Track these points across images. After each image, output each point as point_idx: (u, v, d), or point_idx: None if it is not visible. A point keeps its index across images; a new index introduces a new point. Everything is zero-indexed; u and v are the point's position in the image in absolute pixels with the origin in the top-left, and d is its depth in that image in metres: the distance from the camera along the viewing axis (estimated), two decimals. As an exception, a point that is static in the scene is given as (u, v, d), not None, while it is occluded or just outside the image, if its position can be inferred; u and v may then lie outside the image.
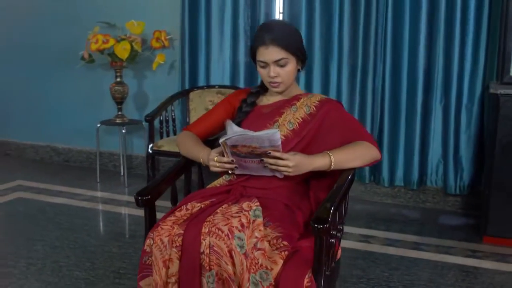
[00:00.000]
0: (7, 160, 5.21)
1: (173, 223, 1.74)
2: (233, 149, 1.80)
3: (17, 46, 5.10)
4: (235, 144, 1.77)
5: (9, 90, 5.24)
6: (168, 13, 4.40)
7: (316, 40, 3.95)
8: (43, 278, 2.68)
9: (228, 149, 1.82)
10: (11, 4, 5.07)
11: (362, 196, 4.03)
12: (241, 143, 1.76)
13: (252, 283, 1.63)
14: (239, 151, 1.80)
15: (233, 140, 1.75)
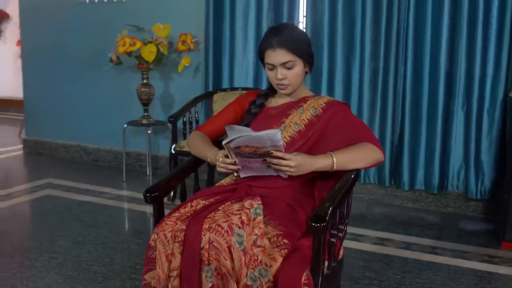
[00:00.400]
0: (40, 159, 5.39)
1: (176, 219, 1.80)
2: (236, 150, 1.85)
3: (51, 49, 5.28)
4: (237, 145, 1.82)
5: (43, 92, 5.44)
6: (194, 17, 4.49)
7: (339, 42, 3.97)
8: (63, 271, 2.78)
9: (232, 151, 1.87)
10: (47, 10, 5.25)
11: (382, 199, 4.03)
12: (244, 144, 1.81)
13: (250, 279, 1.68)
14: (243, 152, 1.85)
15: (235, 142, 1.80)
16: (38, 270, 2.80)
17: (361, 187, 4.09)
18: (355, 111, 4.00)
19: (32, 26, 5.42)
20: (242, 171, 1.97)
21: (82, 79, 5.13)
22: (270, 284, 1.70)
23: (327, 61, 4.03)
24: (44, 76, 5.40)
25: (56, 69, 5.29)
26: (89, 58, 5.00)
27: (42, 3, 5.27)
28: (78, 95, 5.20)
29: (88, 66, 5.03)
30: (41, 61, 5.38)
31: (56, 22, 5.23)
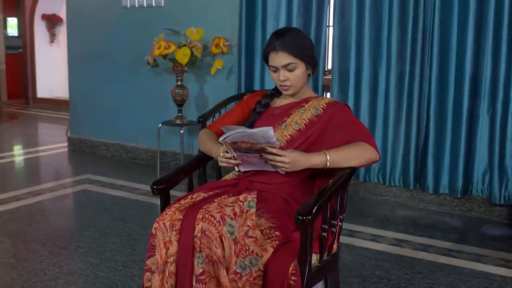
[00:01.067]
0: (82, 156, 5.65)
1: (175, 209, 1.93)
2: (234, 145, 1.97)
3: (95, 52, 5.55)
4: (234, 141, 1.94)
5: (87, 92, 5.71)
6: (228, 21, 4.63)
7: (366, 46, 4.03)
8: (87, 259, 2.97)
9: (230, 146, 1.99)
10: (92, 15, 5.52)
11: (407, 202, 4.05)
12: (240, 139, 1.92)
13: (239, 267, 1.78)
14: (240, 147, 1.97)
15: (231, 137, 1.92)
16: (65, 257, 2.99)
17: (386, 189, 4.12)
18: (381, 114, 4.05)
19: (77, 29, 5.71)
20: (242, 165, 2.08)
21: (122, 80, 5.37)
22: (260, 273, 1.80)
23: (354, 64, 4.09)
24: (88, 78, 5.67)
25: (99, 71, 5.55)
26: (129, 60, 5.23)
27: (88, 8, 5.55)
28: (118, 96, 5.43)
29: (128, 68, 5.25)
30: (86, 63, 5.66)
31: (99, 26, 5.49)
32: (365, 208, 3.99)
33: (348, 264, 2.97)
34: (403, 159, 3.99)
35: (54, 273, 2.78)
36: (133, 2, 5.20)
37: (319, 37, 4.20)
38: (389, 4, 3.90)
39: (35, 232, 3.38)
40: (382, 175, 4.11)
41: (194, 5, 4.85)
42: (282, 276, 1.78)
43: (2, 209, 3.82)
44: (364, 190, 4.22)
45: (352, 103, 4.13)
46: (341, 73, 4.16)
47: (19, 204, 3.95)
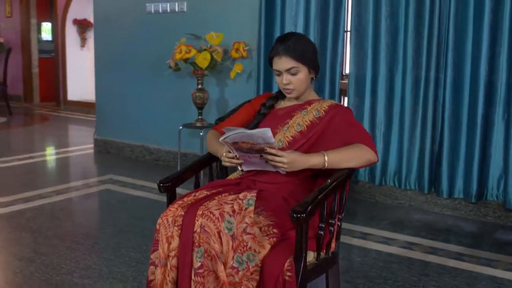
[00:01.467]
0: (107, 157, 5.81)
1: (178, 206, 2.02)
2: (235, 145, 2.05)
3: (120, 55, 5.71)
4: (234, 141, 2.02)
5: (112, 95, 5.88)
6: (247, 26, 4.72)
7: (382, 51, 4.06)
8: (102, 255, 3.08)
9: (231, 146, 2.07)
10: (117, 19, 5.69)
11: (423, 206, 4.07)
12: (240, 139, 2.00)
13: (236, 261, 1.86)
14: (241, 147, 2.04)
15: (231, 138, 2.00)
16: (82, 252, 3.11)
17: (401, 193, 4.14)
18: (397, 119, 4.08)
19: (104, 34, 5.88)
20: (245, 165, 2.16)
21: (146, 83, 5.50)
22: (257, 268, 1.87)
23: (371, 69, 4.13)
24: (113, 81, 5.84)
25: (124, 74, 5.70)
26: (153, 64, 5.36)
27: (114, 13, 5.71)
28: (142, 99, 5.57)
29: (152, 71, 5.39)
30: (112, 66, 5.82)
31: (125, 31, 5.64)
32: (380, 211, 4.02)
33: (356, 265, 3.02)
34: (419, 163, 4.01)
35: (70, 267, 2.90)
36: (157, 8, 5.34)
37: (336, 42, 4.25)
38: (405, 10, 3.93)
39: (56, 229, 3.52)
40: (398, 179, 4.13)
41: (216, 11, 4.95)
42: (278, 271, 1.85)
43: (26, 207, 3.97)
44: (379, 193, 4.25)
45: (368, 107, 4.17)
46: (357, 78, 4.20)
47: (43, 202, 4.10)
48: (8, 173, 5.10)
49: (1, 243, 3.27)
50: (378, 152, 4.10)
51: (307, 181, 2.21)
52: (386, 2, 3.99)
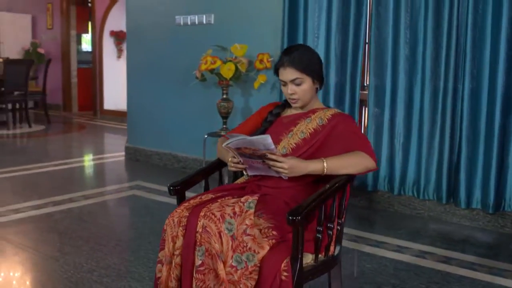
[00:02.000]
0: (137, 165, 6.00)
1: (184, 208, 2.14)
2: (239, 151, 2.16)
3: (150, 66, 5.92)
4: (237, 147, 2.13)
5: (142, 104, 6.08)
6: (271, 38, 4.84)
7: (401, 62, 4.12)
8: (122, 256, 3.23)
9: (235, 152, 2.18)
10: (148, 31, 5.90)
11: (441, 216, 4.09)
12: (243, 145, 2.11)
13: (235, 260, 1.97)
14: (244, 153, 2.16)
15: (233, 144, 2.11)
16: (103, 253, 3.27)
17: (420, 203, 4.18)
18: (416, 129, 4.12)
19: (136, 45, 6.10)
20: (249, 170, 2.28)
21: (174, 93, 5.68)
22: (256, 268, 1.97)
23: (390, 80, 4.19)
24: (144, 91, 6.04)
25: (154, 84, 5.90)
26: (181, 75, 5.53)
27: (145, 25, 5.93)
28: (170, 108, 5.75)
29: (180, 81, 5.56)
30: (142, 77, 6.03)
31: (155, 42, 5.85)
32: (398, 221, 4.06)
33: (366, 272, 3.08)
34: (437, 173, 4.04)
35: (91, 266, 3.06)
36: (186, 20, 5.52)
37: (356, 53, 4.33)
38: (424, 22, 3.99)
39: (81, 231, 3.69)
40: (417, 189, 4.17)
41: (241, 23, 5.10)
42: (275, 271, 1.95)
43: (56, 210, 4.17)
44: (398, 203, 4.29)
45: (387, 118, 4.23)
46: (377, 89, 4.27)
47: (72, 206, 4.29)
48: (42, 178, 5.34)
49: (29, 243, 3.46)
50: (397, 162, 4.19)
51: (309, 187, 2.30)
52: (406, 14, 4.06)
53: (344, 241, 3.47)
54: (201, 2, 5.44)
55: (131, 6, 6.13)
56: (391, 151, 4.26)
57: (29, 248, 3.35)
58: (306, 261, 2.08)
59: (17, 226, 3.77)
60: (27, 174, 5.44)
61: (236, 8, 5.16)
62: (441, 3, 3.90)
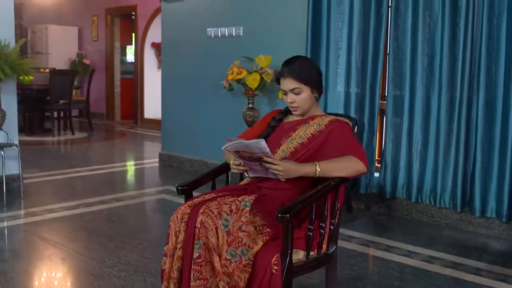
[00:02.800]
0: (169, 171, 6.25)
1: (187, 205, 2.33)
2: (238, 154, 2.34)
3: (183, 76, 6.18)
4: (236, 150, 2.31)
5: (175, 113, 6.35)
6: (296, 49, 4.97)
7: (419, 73, 4.23)
8: (143, 253, 3.45)
9: (235, 155, 2.36)
10: (182, 43, 6.17)
11: (457, 224, 4.15)
12: (240, 149, 2.29)
13: (229, 254, 2.14)
14: (243, 155, 2.33)
15: (231, 147, 2.29)
16: (126, 250, 3.49)
17: (437, 211, 4.25)
18: (433, 138, 4.20)
19: (170, 56, 6.38)
20: (250, 172, 2.45)
21: (205, 102, 5.92)
22: (249, 262, 2.15)
23: (409, 90, 4.29)
24: (176, 100, 6.31)
25: (186, 93, 6.15)
26: (211, 84, 5.75)
27: (179, 37, 6.19)
28: (201, 116, 5.99)
29: (210, 91, 5.79)
30: (175, 86, 6.30)
31: (187, 54, 6.11)
32: (413, 228, 4.15)
33: (371, 273, 3.20)
34: (453, 181, 4.11)
35: (112, 262, 3.29)
36: (217, 32, 5.75)
37: (376, 64, 4.45)
38: (441, 34, 4.08)
39: (108, 230, 3.94)
40: (433, 197, 4.24)
41: (268, 35, 5.29)
42: (266, 265, 2.12)
43: (88, 210, 4.44)
44: (416, 211, 4.37)
45: (406, 127, 4.33)
46: (395, 98, 4.38)
47: (102, 207, 4.55)
48: (79, 181, 5.64)
49: (59, 240, 3.72)
50: (415, 170, 4.29)
51: (306, 189, 2.44)
52: (423, 26, 4.17)
53: (356, 245, 3.64)
54: (231, 15, 5.67)
55: (166, 19, 6.42)
56: (409, 159, 4.35)
57: (58, 244, 3.61)
58: (298, 257, 2.23)
59: (50, 225, 4.05)
60: (65, 177, 5.75)
61: (263, 21, 5.36)
62: (457, 16, 3.99)
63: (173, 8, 6.28)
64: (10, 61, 4.40)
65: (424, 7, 4.15)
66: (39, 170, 5.99)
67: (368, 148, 4.53)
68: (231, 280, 2.14)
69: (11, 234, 3.95)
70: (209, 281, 2.16)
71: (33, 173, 5.75)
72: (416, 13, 4.20)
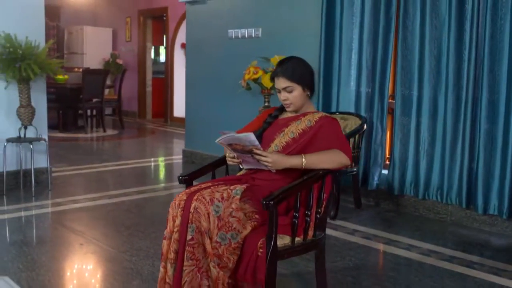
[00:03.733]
0: (192, 167, 6.43)
1: (185, 193, 2.54)
2: (231, 147, 2.54)
3: (205, 75, 6.42)
4: (228, 143, 2.51)
5: (198, 111, 6.60)
6: (311, 50, 5.18)
7: (426, 73, 4.35)
8: (155, 241, 3.67)
9: (229, 148, 2.57)
10: (204, 44, 6.41)
11: (462, 221, 4.26)
12: (233, 142, 2.49)
13: (219, 237, 2.34)
14: (235, 148, 2.54)
15: (224, 140, 2.50)
16: (139, 238, 3.74)
17: (443, 207, 4.36)
18: (440, 137, 4.32)
19: (193, 57, 6.64)
20: (244, 164, 2.65)
21: (225, 101, 6.14)
22: (238, 245, 2.35)
23: (416, 89, 4.42)
24: (199, 98, 6.56)
25: (208, 92, 6.40)
26: (231, 83, 5.97)
27: (202, 38, 6.44)
28: (221, 114, 6.22)
29: (230, 90, 6.01)
30: (198, 85, 6.55)
31: (210, 54, 6.35)
32: (419, 223, 4.27)
33: (367, 264, 3.37)
34: (458, 179, 4.22)
35: (125, 247, 3.54)
36: (237, 34, 5.97)
37: (385, 64, 4.60)
38: (448, 35, 4.20)
39: (126, 220, 4.19)
40: (440, 194, 4.36)
41: (285, 36, 5.48)
42: (253, 248, 2.32)
43: (110, 202, 4.72)
44: (423, 207, 4.49)
45: (414, 126, 4.46)
46: (403, 98, 4.51)
47: (124, 199, 4.83)
48: (104, 175, 5.95)
49: (80, 228, 3.99)
50: (422, 168, 4.42)
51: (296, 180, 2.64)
52: (431, 27, 4.29)
53: (358, 238, 3.80)
54: (251, 17, 5.88)
55: (190, 21, 6.67)
56: (416, 157, 4.48)
57: (79, 232, 3.88)
58: (284, 242, 2.42)
59: (73, 214, 4.34)
60: (92, 171, 6.07)
61: (281, 23, 5.55)
62: (463, 18, 4.11)
63: (196, 10, 6.53)
64: (39, 61, 4.70)
65: (431, 9, 4.28)
66: (68, 164, 6.31)
67: (377, 146, 4.68)
68: (221, 261, 2.35)
69: (38, 222, 4.25)
70: (201, 261, 2.38)
71: (62, 167, 6.08)
72: (424, 15, 4.32)
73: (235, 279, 2.39)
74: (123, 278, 3.06)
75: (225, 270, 2.35)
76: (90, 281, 3.13)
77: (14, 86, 4.79)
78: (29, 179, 4.95)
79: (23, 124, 4.82)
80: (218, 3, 6.27)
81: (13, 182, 5.01)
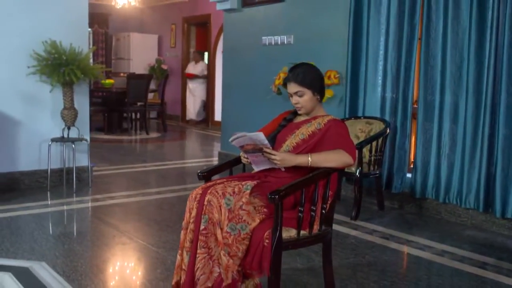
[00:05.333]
0: (226, 168, 6.74)
1: (201, 188, 2.77)
2: (242, 148, 2.76)
3: (239, 81, 6.67)
4: (240, 145, 2.73)
5: (233, 115, 6.85)
6: (340, 57, 5.35)
7: (448, 79, 4.46)
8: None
9: (240, 149, 2.79)
10: (239, 51, 6.67)
11: (481, 225, 4.34)
12: (244, 142, 2.71)
13: (229, 228, 2.56)
14: (247, 149, 2.76)
15: (236, 142, 2.72)
16: (167, 232, 4.00)
17: (464, 211, 4.45)
18: (460, 142, 4.42)
19: (229, 63, 6.90)
20: (255, 165, 2.87)
21: (258, 105, 6.37)
22: (247, 236, 2.57)
23: (439, 95, 4.53)
24: (234, 103, 6.81)
25: (243, 96, 6.65)
26: (264, 89, 6.20)
27: (237, 45, 6.71)
28: (254, 118, 6.42)
29: (263, 95, 6.23)
30: (233, 90, 6.81)
31: (244, 60, 6.60)
32: (438, 226, 4.38)
33: (379, 262, 3.51)
34: (477, 183, 4.30)
35: (152, 240, 3.81)
36: (271, 41, 6.20)
37: (408, 71, 4.73)
38: (468, 42, 4.31)
39: (157, 215, 4.47)
40: (460, 198, 4.45)
41: (316, 43, 5.67)
42: (259, 239, 2.53)
43: (144, 199, 5.02)
44: (445, 211, 4.59)
45: (436, 130, 4.57)
46: (426, 103, 4.63)
47: (157, 197, 5.12)
48: (143, 175, 6.27)
49: (114, 222, 4.28)
50: (443, 172, 4.53)
51: (303, 177, 2.83)
52: (452, 34, 4.40)
53: (376, 238, 3.96)
54: (284, 25, 6.09)
55: (227, 28, 6.96)
56: (438, 161, 4.58)
57: (112, 225, 4.18)
58: (290, 234, 2.62)
59: (108, 209, 4.65)
60: (131, 171, 6.40)
61: (312, 30, 5.75)
62: (484, 25, 4.20)
63: (233, 18, 6.80)
64: (82, 66, 5.05)
65: (453, 17, 4.39)
66: (109, 164, 6.68)
67: (401, 150, 4.81)
68: (231, 250, 2.56)
69: (77, 216, 4.58)
70: (213, 250, 2.60)
71: (104, 166, 6.43)
72: (446, 22, 4.44)
73: (243, 267, 2.60)
74: (148, 266, 3.33)
75: (234, 258, 2.56)
76: (118, 268, 3.40)
77: (59, 89, 5.15)
78: (71, 177, 5.29)
79: (66, 125, 5.17)
80: (253, 11, 6.52)
81: (57, 179, 5.37)
